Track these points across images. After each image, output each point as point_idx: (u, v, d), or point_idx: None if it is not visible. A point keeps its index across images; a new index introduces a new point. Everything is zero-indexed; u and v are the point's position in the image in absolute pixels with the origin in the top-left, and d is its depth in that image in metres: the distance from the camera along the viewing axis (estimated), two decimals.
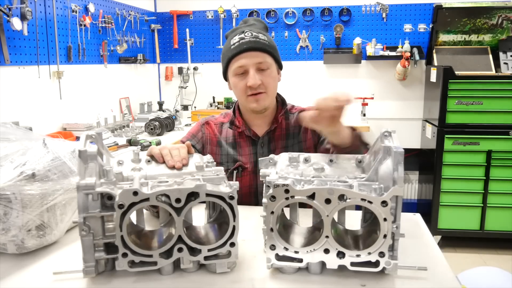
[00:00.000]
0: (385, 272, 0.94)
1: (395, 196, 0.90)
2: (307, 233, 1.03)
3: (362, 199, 0.89)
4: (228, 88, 1.53)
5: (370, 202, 0.89)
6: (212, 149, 1.54)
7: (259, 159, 1.09)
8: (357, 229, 1.04)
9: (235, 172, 1.49)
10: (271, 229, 0.95)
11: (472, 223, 3.25)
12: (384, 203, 0.89)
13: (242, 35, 1.41)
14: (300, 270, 1.00)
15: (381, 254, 0.92)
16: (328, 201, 0.91)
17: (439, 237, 3.32)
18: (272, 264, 0.97)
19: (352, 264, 0.94)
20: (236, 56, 1.40)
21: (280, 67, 1.51)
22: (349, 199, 0.90)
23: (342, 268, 0.96)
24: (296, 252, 0.96)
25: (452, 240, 3.35)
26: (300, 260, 0.96)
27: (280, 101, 1.56)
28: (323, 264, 0.97)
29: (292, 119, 1.54)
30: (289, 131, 1.53)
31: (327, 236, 0.94)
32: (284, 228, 1.03)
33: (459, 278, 1.81)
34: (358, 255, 0.94)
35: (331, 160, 1.04)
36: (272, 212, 0.94)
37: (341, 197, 0.91)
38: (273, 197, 0.93)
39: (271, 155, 1.08)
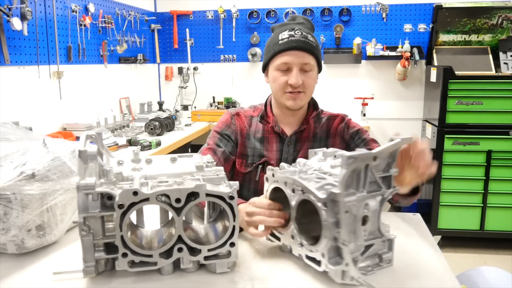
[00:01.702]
0: (329, 275, 0.93)
1: (337, 200, 0.87)
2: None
3: (314, 196, 0.91)
4: (265, 81, 1.53)
5: (317, 200, 0.91)
6: (241, 140, 1.54)
7: (309, 150, 1.16)
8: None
9: (260, 166, 1.51)
10: None
11: (472, 223, 3.25)
12: (325, 204, 0.89)
13: (292, 33, 1.40)
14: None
15: (322, 255, 0.93)
16: (293, 190, 1.00)
17: (439, 237, 3.32)
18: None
19: (307, 257, 0.99)
20: (283, 52, 1.40)
21: (319, 70, 1.51)
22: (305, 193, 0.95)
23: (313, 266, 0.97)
24: (280, 232, 0.97)
25: (452, 240, 3.35)
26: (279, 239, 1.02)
27: (312, 103, 1.57)
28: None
29: (321, 123, 1.55)
30: (317, 134, 1.54)
31: (293, 224, 1.02)
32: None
33: (459, 278, 1.81)
34: (311, 250, 0.97)
35: (335, 156, 1.06)
36: (267, 191, 1.09)
37: (303, 190, 0.96)
38: (267, 179, 1.10)
39: (318, 149, 1.13)
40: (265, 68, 1.52)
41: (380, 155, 0.93)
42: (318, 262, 0.95)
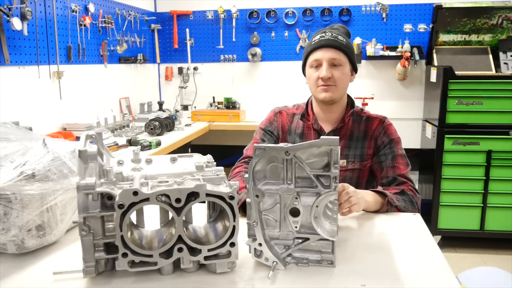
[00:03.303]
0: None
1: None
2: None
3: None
4: (305, 82, 1.64)
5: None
6: (283, 136, 1.69)
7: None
8: None
9: None
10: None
11: (472, 223, 3.25)
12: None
13: (323, 34, 1.55)
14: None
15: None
16: None
17: (439, 237, 3.32)
18: None
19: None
20: (314, 51, 1.54)
21: (355, 69, 1.61)
22: None
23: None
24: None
25: (452, 240, 3.35)
26: None
27: (350, 102, 1.66)
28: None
29: (360, 123, 1.62)
30: (353, 133, 1.61)
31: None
32: None
33: (459, 278, 1.82)
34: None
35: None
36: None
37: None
38: None
39: None
40: (304, 70, 1.64)
41: (292, 150, 0.97)
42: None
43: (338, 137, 0.98)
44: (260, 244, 1.01)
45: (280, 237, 1.03)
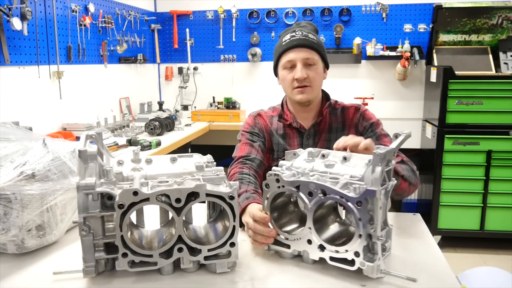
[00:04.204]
0: (364, 273, 0.94)
1: (372, 198, 0.90)
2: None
3: (341, 197, 0.92)
4: (278, 83, 1.63)
5: (347, 200, 0.92)
6: (267, 137, 1.65)
7: (286, 151, 1.19)
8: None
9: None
10: (266, 213, 1.05)
11: (472, 223, 3.25)
12: (358, 203, 0.90)
13: (293, 33, 1.54)
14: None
15: (356, 254, 0.93)
16: (310, 194, 0.97)
17: (439, 237, 3.32)
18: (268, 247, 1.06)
19: (332, 258, 0.97)
20: (286, 51, 1.53)
21: (326, 66, 1.62)
22: (329, 194, 0.95)
23: (341, 267, 0.96)
24: (286, 238, 1.03)
25: (452, 240, 3.35)
26: (288, 246, 1.03)
27: (325, 95, 1.66)
28: (321, 259, 0.99)
29: (337, 115, 1.62)
30: (332, 125, 1.61)
31: (309, 228, 0.99)
32: (291, 217, 1.10)
33: (459, 278, 1.81)
34: (336, 251, 0.96)
35: (344, 158, 1.07)
36: (267, 198, 1.04)
37: (323, 192, 0.95)
38: (267, 185, 1.04)
39: (297, 149, 1.17)
40: (276, 71, 1.62)
41: (396, 149, 0.98)
42: (347, 262, 0.95)
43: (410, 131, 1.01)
44: (379, 259, 0.93)
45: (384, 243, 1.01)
